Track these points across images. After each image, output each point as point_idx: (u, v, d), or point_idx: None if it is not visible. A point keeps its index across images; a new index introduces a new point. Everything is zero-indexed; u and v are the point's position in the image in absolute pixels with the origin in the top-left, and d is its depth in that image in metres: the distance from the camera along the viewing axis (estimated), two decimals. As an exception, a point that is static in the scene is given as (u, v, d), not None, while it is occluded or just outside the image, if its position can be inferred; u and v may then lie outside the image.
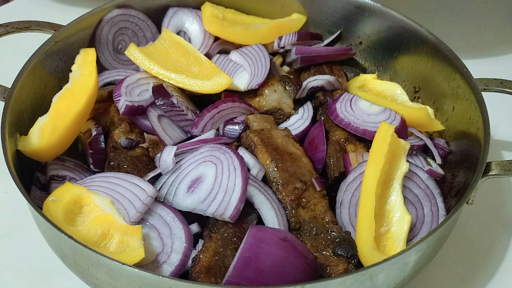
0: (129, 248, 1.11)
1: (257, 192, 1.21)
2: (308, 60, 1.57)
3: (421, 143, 1.39)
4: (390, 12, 1.54)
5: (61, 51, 1.45)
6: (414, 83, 1.54)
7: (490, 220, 1.41)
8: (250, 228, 1.07)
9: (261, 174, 1.24)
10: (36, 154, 1.27)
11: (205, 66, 1.46)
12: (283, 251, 1.05)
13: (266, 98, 1.47)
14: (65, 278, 1.27)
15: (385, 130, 1.26)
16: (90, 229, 1.13)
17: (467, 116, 1.35)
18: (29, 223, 1.34)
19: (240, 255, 1.03)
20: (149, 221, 1.17)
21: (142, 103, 1.36)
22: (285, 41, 1.60)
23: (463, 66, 1.39)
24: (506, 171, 1.20)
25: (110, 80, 1.51)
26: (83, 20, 1.49)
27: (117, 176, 1.21)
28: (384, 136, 1.24)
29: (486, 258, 1.33)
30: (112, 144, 1.34)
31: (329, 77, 1.49)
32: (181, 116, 1.37)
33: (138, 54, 1.44)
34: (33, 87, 1.36)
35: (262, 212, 1.21)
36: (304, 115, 1.44)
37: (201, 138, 1.33)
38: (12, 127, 1.25)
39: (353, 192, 1.25)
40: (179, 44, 1.51)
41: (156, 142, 1.35)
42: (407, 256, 1.06)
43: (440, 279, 1.29)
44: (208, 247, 1.14)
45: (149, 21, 1.59)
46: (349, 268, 1.14)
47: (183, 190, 1.21)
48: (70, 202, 1.16)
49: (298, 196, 1.23)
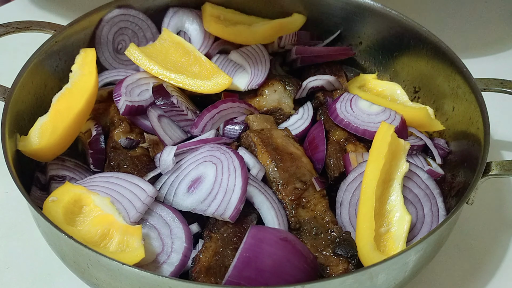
0: (129, 248, 1.11)
1: (257, 192, 1.21)
2: (308, 60, 1.57)
3: (421, 143, 1.39)
4: (390, 12, 1.53)
5: (61, 51, 1.45)
6: (414, 83, 1.54)
7: (490, 220, 1.40)
8: (250, 228, 1.07)
9: (261, 174, 1.24)
10: (36, 154, 1.27)
11: (205, 66, 1.46)
12: (283, 251, 1.05)
13: (266, 98, 1.47)
14: (65, 278, 1.27)
15: (385, 130, 1.26)
16: (90, 229, 1.13)
17: (467, 116, 1.35)
18: (29, 223, 1.34)
19: (240, 255, 1.03)
20: (149, 221, 1.17)
21: (142, 103, 1.37)
22: (285, 41, 1.60)
23: (463, 66, 1.39)
24: (506, 171, 1.20)
25: (110, 80, 1.51)
26: (83, 20, 1.49)
27: (117, 176, 1.21)
28: (384, 136, 1.24)
29: (486, 258, 1.33)
30: (112, 144, 1.34)
31: (329, 77, 1.49)
32: (181, 116, 1.37)
33: (138, 54, 1.44)
34: (33, 87, 1.36)
35: (262, 212, 1.21)
36: (304, 115, 1.44)
37: (201, 138, 1.33)
38: (12, 127, 1.25)
39: (353, 192, 1.25)
40: (179, 44, 1.51)
41: (156, 142, 1.35)
42: (407, 256, 1.06)
43: (440, 279, 1.29)
44: (208, 247, 1.14)
45: (149, 21, 1.59)
46: (349, 268, 1.14)
47: (183, 190, 1.21)
48: (70, 202, 1.16)
49: (298, 196, 1.23)
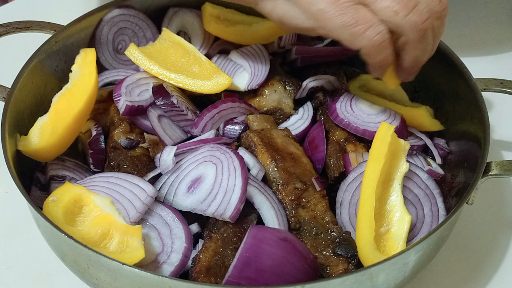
0: (129, 248, 1.11)
1: (257, 192, 1.21)
2: (308, 60, 1.57)
3: (421, 143, 1.39)
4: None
5: (61, 51, 1.45)
6: (414, 83, 1.53)
7: (490, 220, 1.40)
8: (250, 228, 1.07)
9: (261, 174, 1.24)
10: (36, 154, 1.27)
11: (205, 66, 1.46)
12: (283, 251, 1.05)
13: (266, 98, 1.47)
14: (65, 278, 1.27)
15: (385, 130, 1.26)
16: (90, 229, 1.12)
17: (467, 116, 1.34)
18: (29, 223, 1.34)
19: (240, 255, 1.03)
20: (149, 221, 1.17)
21: (142, 103, 1.36)
22: (285, 41, 1.60)
23: (463, 66, 1.39)
24: (506, 171, 1.20)
25: (110, 80, 1.51)
26: (83, 20, 1.49)
27: (117, 176, 1.21)
28: (384, 136, 1.24)
29: (486, 258, 1.33)
30: (112, 144, 1.34)
31: (329, 77, 1.49)
32: (181, 116, 1.37)
33: (138, 54, 1.44)
34: (33, 87, 1.36)
35: (262, 212, 1.21)
36: (304, 115, 1.44)
37: (201, 138, 1.33)
38: (12, 127, 1.25)
39: (353, 192, 1.25)
40: (179, 44, 1.51)
41: (156, 142, 1.35)
42: (407, 256, 1.06)
43: (440, 279, 1.29)
44: (208, 247, 1.14)
45: (149, 21, 1.59)
46: (349, 268, 1.14)
47: (183, 190, 1.21)
48: (70, 202, 1.16)
49: (298, 196, 1.23)
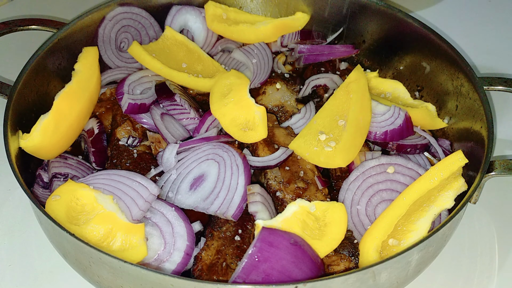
0: (131, 246, 1.11)
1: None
2: (311, 58, 1.57)
3: (424, 142, 1.39)
4: (393, 11, 1.53)
5: (63, 49, 1.45)
6: (417, 81, 1.53)
7: (493, 219, 1.40)
8: (261, 230, 1.06)
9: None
10: (39, 152, 1.27)
11: (208, 65, 1.46)
12: (292, 255, 1.04)
13: (269, 97, 1.46)
14: (67, 275, 1.27)
15: (457, 159, 1.19)
16: (92, 227, 1.12)
17: (471, 114, 1.34)
18: (32, 221, 1.34)
19: (249, 257, 1.02)
20: (152, 219, 1.17)
21: (144, 101, 1.36)
22: (288, 39, 1.60)
23: (467, 64, 1.38)
24: (510, 170, 1.20)
25: (112, 79, 1.51)
26: (85, 18, 1.49)
27: (119, 174, 1.21)
28: (453, 164, 1.19)
29: (489, 257, 1.33)
30: (115, 142, 1.34)
31: (332, 76, 1.49)
32: (183, 114, 1.37)
33: (141, 52, 1.44)
34: (35, 85, 1.36)
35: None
36: (307, 115, 1.44)
37: (204, 136, 1.33)
38: (15, 124, 1.25)
39: (355, 191, 1.24)
40: (182, 43, 1.51)
41: (159, 140, 1.35)
42: (410, 255, 1.06)
43: (442, 278, 1.29)
44: (210, 245, 1.14)
45: (152, 19, 1.59)
46: (350, 266, 1.14)
47: (186, 188, 1.21)
48: (73, 200, 1.16)
49: (300, 194, 1.23)
